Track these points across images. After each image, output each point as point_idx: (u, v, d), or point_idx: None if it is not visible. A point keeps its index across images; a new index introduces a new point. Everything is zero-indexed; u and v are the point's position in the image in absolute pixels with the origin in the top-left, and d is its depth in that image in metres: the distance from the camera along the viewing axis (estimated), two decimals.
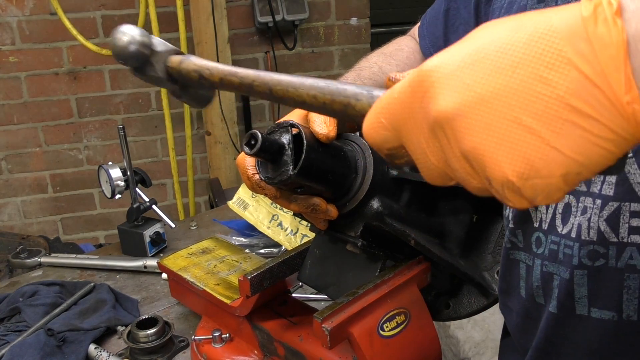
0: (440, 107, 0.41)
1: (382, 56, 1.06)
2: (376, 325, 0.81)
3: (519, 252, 0.82)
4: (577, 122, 0.38)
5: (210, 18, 2.87)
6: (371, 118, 0.48)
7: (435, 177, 0.46)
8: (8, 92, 3.06)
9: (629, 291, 0.70)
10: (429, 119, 0.42)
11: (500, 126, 0.39)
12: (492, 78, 0.40)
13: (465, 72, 0.41)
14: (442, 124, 0.42)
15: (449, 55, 0.42)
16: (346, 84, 0.54)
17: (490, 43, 0.41)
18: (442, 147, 0.43)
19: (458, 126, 0.41)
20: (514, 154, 0.39)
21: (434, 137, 0.43)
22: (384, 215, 0.80)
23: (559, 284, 0.75)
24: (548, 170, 0.39)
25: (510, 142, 0.39)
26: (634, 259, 0.69)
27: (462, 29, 0.99)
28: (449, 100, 0.41)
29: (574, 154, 0.38)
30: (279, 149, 0.73)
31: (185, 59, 0.64)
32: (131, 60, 0.64)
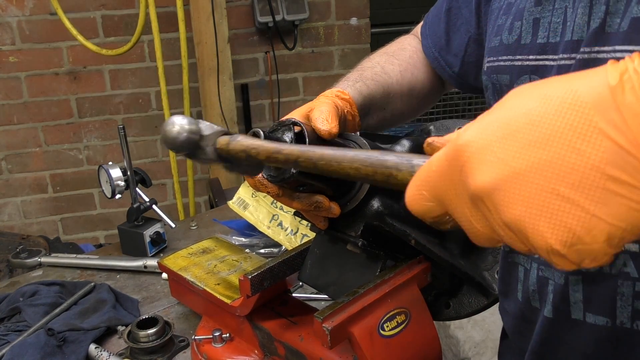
0: (478, 182, 0.43)
1: (384, 56, 1.06)
2: (376, 325, 0.81)
3: (518, 256, 0.82)
4: (615, 190, 0.38)
5: (210, 18, 2.87)
6: (412, 191, 0.49)
7: (484, 241, 0.47)
8: (8, 92, 3.06)
9: (622, 298, 0.70)
10: (469, 192, 0.44)
11: (538, 198, 0.40)
12: (525, 152, 0.41)
13: (498, 146, 0.42)
14: (482, 197, 0.43)
15: (481, 128, 0.43)
16: (387, 154, 0.55)
17: (519, 115, 0.41)
18: (485, 216, 0.44)
19: (497, 200, 0.42)
20: (554, 223, 0.40)
21: (475, 208, 0.45)
22: (385, 215, 0.80)
23: (553, 289, 0.75)
24: (591, 237, 0.39)
25: (549, 213, 0.40)
26: (628, 267, 0.69)
27: (464, 28, 1.00)
28: (485, 175, 0.42)
29: (615, 221, 0.39)
30: None
31: (232, 140, 0.67)
32: (183, 148, 0.67)
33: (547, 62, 0.73)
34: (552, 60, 0.72)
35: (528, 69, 0.75)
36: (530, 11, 0.76)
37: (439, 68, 1.05)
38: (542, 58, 0.74)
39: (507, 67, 0.79)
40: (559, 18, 0.72)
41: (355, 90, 0.93)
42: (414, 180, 0.49)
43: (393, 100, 1.02)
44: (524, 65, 0.76)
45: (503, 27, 0.81)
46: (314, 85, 3.39)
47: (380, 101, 0.98)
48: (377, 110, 0.99)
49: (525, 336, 0.83)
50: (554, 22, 0.73)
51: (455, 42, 1.02)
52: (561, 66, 0.71)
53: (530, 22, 0.76)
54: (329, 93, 0.90)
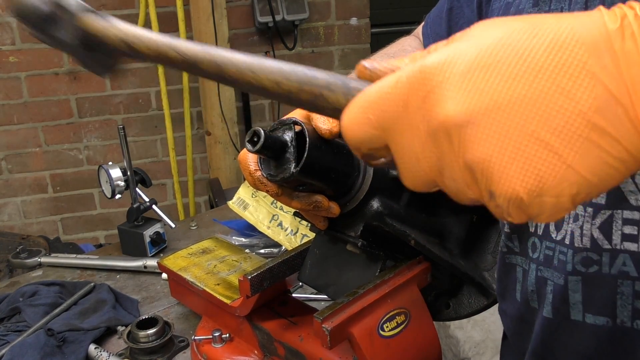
0: (449, 111, 0.38)
1: (384, 57, 1.06)
2: (376, 325, 0.81)
3: (516, 257, 0.82)
4: (596, 141, 0.36)
5: (210, 18, 2.87)
6: (355, 113, 0.43)
7: (420, 183, 0.43)
8: (8, 92, 3.06)
9: (622, 297, 0.70)
10: (430, 123, 0.39)
11: (515, 139, 0.37)
12: (510, 85, 0.37)
13: (479, 75, 0.37)
14: (449, 130, 0.38)
15: (457, 53, 0.39)
16: (316, 71, 0.48)
17: (504, 45, 0.37)
18: (441, 154, 0.40)
19: (467, 134, 0.37)
20: (527, 169, 0.37)
21: (432, 143, 0.40)
22: (384, 215, 0.80)
23: (553, 290, 0.75)
24: (560, 189, 0.37)
25: (524, 157, 0.37)
26: (627, 266, 0.69)
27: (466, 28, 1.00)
28: (459, 105, 0.37)
29: (588, 174, 0.36)
30: (281, 146, 0.73)
31: (107, 24, 0.53)
32: (29, 14, 0.53)
33: None
34: None
35: None
36: (528, 12, 0.76)
37: None
38: None
39: None
40: None
41: None
42: (361, 101, 0.42)
43: None
44: None
45: None
46: None
47: None
48: None
49: (524, 337, 0.83)
50: None
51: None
52: None
53: None
54: None
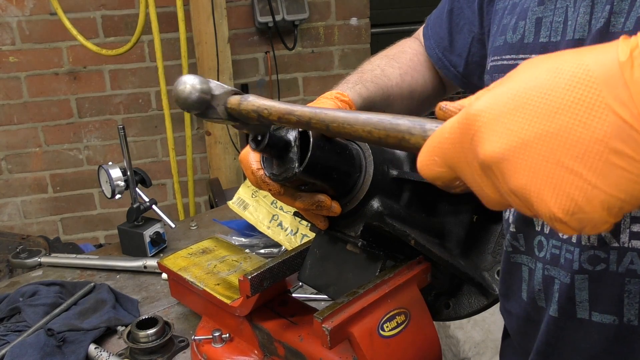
0: (487, 151, 0.44)
1: (385, 59, 1.06)
2: (376, 325, 0.81)
3: (521, 256, 0.82)
4: (616, 163, 0.40)
5: (210, 18, 2.87)
6: (424, 157, 0.50)
7: (495, 205, 0.49)
8: (8, 92, 3.06)
9: (629, 296, 0.70)
10: (478, 160, 0.45)
11: (543, 168, 0.42)
12: (534, 123, 0.42)
13: (509, 117, 0.43)
14: (490, 165, 0.45)
15: (493, 98, 0.45)
16: (399, 118, 0.56)
17: (531, 88, 0.43)
18: (494, 183, 0.46)
19: (504, 168, 0.44)
20: (557, 192, 0.42)
21: (485, 176, 0.46)
22: (384, 215, 0.80)
23: (559, 288, 0.75)
24: (591, 207, 0.41)
25: (553, 182, 0.42)
26: (635, 264, 0.69)
27: (467, 29, 1.00)
28: (494, 145, 0.44)
29: (615, 192, 0.41)
30: (285, 145, 0.73)
31: (243, 100, 0.68)
32: (194, 108, 0.68)
33: None
34: None
35: None
36: (534, 11, 0.77)
37: (443, 68, 1.06)
38: None
39: (511, 66, 0.79)
40: (560, 17, 0.73)
41: (355, 93, 0.93)
42: (427, 146, 0.50)
43: (393, 103, 1.02)
44: None
45: (507, 26, 0.81)
46: (314, 85, 3.39)
47: (380, 103, 0.98)
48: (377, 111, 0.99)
49: (529, 336, 0.83)
50: (555, 22, 0.74)
51: (458, 43, 1.02)
52: None
53: (533, 22, 0.76)
54: (328, 95, 0.90)
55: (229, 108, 0.68)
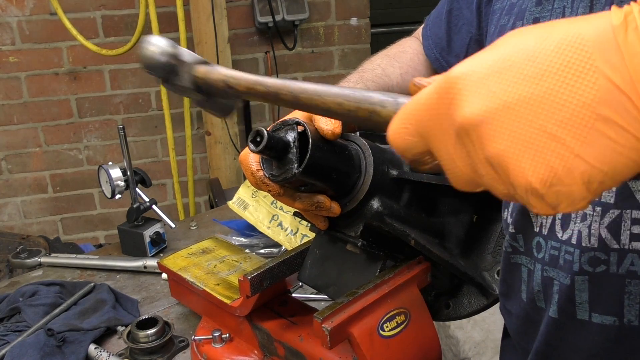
0: (466, 113, 0.41)
1: (385, 58, 1.06)
2: (376, 325, 0.81)
3: (520, 256, 0.82)
4: (603, 131, 0.38)
5: (210, 18, 2.87)
6: (396, 124, 0.47)
7: (463, 183, 0.46)
8: (8, 92, 3.06)
9: (630, 297, 0.70)
10: (455, 125, 0.43)
11: (524, 133, 0.40)
12: (518, 86, 0.40)
13: (492, 79, 0.41)
14: (468, 129, 0.42)
15: (476, 62, 0.43)
16: (371, 92, 0.54)
17: (517, 51, 0.41)
18: (468, 152, 0.43)
19: (483, 132, 0.41)
20: (537, 161, 0.40)
21: (460, 143, 0.43)
22: (384, 215, 0.80)
23: (559, 290, 0.75)
24: (571, 178, 0.39)
25: (534, 150, 0.39)
26: (635, 266, 0.69)
27: (465, 29, 1.00)
28: (474, 107, 0.41)
29: (597, 163, 0.38)
30: (284, 146, 0.73)
31: (211, 69, 0.65)
32: (159, 70, 0.65)
33: None
34: None
35: None
36: (531, 11, 0.77)
37: (441, 69, 1.06)
38: None
39: None
40: (557, 17, 0.73)
41: None
42: (399, 113, 0.48)
43: None
44: None
45: (505, 27, 0.81)
46: None
47: None
48: None
49: (529, 336, 0.83)
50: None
51: (456, 43, 1.02)
52: None
53: (531, 22, 0.76)
54: None
55: (195, 76, 0.65)
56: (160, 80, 0.67)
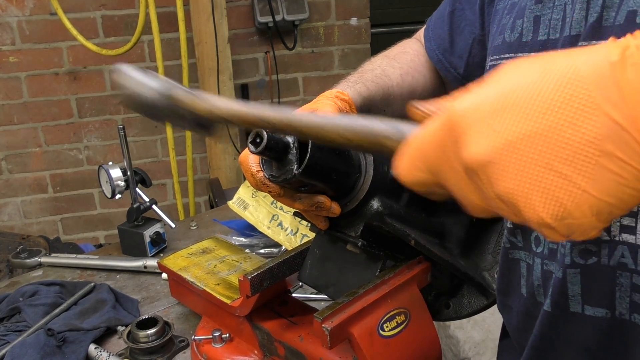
0: (472, 154, 0.42)
1: (386, 59, 1.06)
2: (376, 325, 0.81)
3: (519, 252, 0.82)
4: (607, 166, 0.39)
5: (210, 18, 2.87)
6: (405, 162, 0.48)
7: (479, 212, 0.47)
8: (8, 92, 3.06)
9: (621, 289, 0.70)
10: (462, 164, 0.44)
11: (531, 171, 0.41)
12: (521, 123, 0.41)
13: (495, 117, 0.41)
14: (475, 169, 0.43)
15: (478, 98, 0.43)
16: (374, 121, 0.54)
17: (518, 87, 0.41)
18: (479, 188, 0.44)
19: (490, 172, 0.42)
20: (546, 197, 0.41)
21: (469, 180, 0.44)
22: (384, 215, 0.80)
23: (553, 283, 0.76)
24: (580, 212, 0.40)
25: (542, 187, 0.40)
26: (625, 257, 0.69)
27: (468, 30, 1.00)
28: (480, 147, 0.42)
29: (604, 196, 0.39)
30: (284, 147, 0.73)
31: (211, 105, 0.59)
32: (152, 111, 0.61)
33: None
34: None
35: None
36: (531, 9, 0.77)
37: (444, 70, 1.06)
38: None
39: None
40: (558, 15, 0.73)
41: (355, 92, 0.93)
42: (407, 151, 0.48)
43: (393, 103, 1.02)
44: None
45: (506, 25, 0.82)
46: (314, 85, 3.39)
47: (380, 103, 0.99)
48: (376, 111, 0.99)
49: (527, 332, 0.83)
50: (553, 19, 0.74)
51: (459, 44, 1.02)
52: None
53: (531, 20, 0.76)
54: (328, 94, 0.90)
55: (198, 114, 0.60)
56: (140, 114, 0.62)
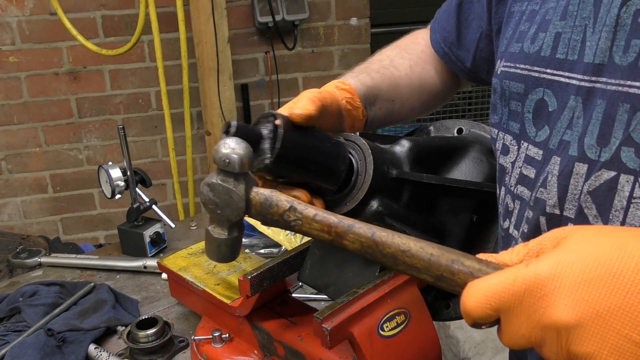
0: (561, 315, 0.48)
1: (396, 49, 1.06)
2: (376, 325, 0.81)
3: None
4: None
5: (210, 18, 2.87)
6: (479, 298, 0.53)
7: (517, 347, 0.53)
8: (8, 92, 3.06)
9: None
10: (543, 319, 0.49)
11: (612, 339, 0.47)
12: (608, 298, 0.47)
13: (584, 289, 0.48)
14: (559, 329, 0.49)
15: (564, 266, 0.49)
16: (454, 254, 0.58)
17: (601, 263, 0.48)
18: (546, 340, 0.50)
19: (575, 334, 0.48)
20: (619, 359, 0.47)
21: (541, 332, 0.50)
22: (384, 215, 0.80)
23: None
24: None
25: (618, 353, 0.47)
26: None
27: (476, 24, 0.99)
28: (569, 312, 0.48)
29: None
30: (256, 138, 0.74)
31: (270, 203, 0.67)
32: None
33: (562, 78, 0.72)
34: (568, 78, 0.71)
35: (544, 81, 0.75)
36: (555, 24, 0.75)
37: (450, 63, 1.05)
38: (559, 74, 0.73)
39: (524, 76, 0.78)
40: (578, 36, 0.71)
41: (358, 81, 0.94)
42: (486, 290, 0.53)
43: (402, 93, 1.02)
44: (540, 78, 0.75)
45: (526, 34, 0.80)
46: (314, 85, 3.37)
47: (387, 93, 0.99)
48: (384, 102, 0.99)
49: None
50: (573, 40, 0.72)
51: (466, 38, 1.01)
52: (581, 87, 0.69)
53: (553, 36, 0.75)
54: (327, 85, 0.91)
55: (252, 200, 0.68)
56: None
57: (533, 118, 0.76)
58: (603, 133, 0.66)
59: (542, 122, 0.75)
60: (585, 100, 0.69)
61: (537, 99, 0.76)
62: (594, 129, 0.67)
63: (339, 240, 0.62)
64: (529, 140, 0.77)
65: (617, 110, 0.64)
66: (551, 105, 0.74)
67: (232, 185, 0.67)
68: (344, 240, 0.62)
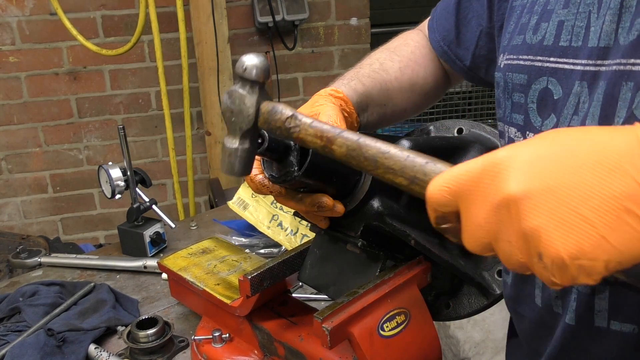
0: (512, 188, 0.48)
1: (385, 52, 1.06)
2: (376, 325, 0.81)
3: None
4: (627, 220, 0.45)
5: (210, 18, 2.87)
6: (439, 182, 0.54)
7: (477, 246, 0.53)
8: (8, 92, 3.06)
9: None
10: (496, 196, 0.49)
11: (560, 212, 0.47)
12: (559, 173, 0.47)
13: (537, 164, 0.48)
14: (509, 202, 0.48)
15: (521, 148, 0.50)
16: (416, 156, 0.60)
17: (558, 145, 0.49)
18: (500, 222, 0.50)
19: (524, 206, 0.48)
20: (568, 236, 0.46)
21: (495, 213, 0.50)
22: (384, 215, 0.80)
23: (577, 297, 0.74)
24: (594, 255, 0.46)
25: (566, 227, 0.46)
26: None
27: (475, 22, 0.98)
28: (520, 184, 0.48)
29: (619, 246, 0.45)
30: (284, 149, 0.73)
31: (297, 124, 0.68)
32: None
33: (566, 65, 0.72)
34: (572, 65, 0.71)
35: (547, 70, 0.75)
36: (558, 13, 0.75)
37: (449, 61, 1.05)
38: (562, 61, 0.73)
39: (527, 66, 0.78)
40: (582, 22, 0.71)
41: (350, 89, 0.93)
42: (444, 175, 0.54)
43: (393, 97, 1.01)
44: (543, 67, 0.75)
45: (527, 26, 0.80)
46: (314, 85, 3.39)
47: (379, 98, 0.98)
48: (375, 107, 0.99)
49: (542, 340, 0.82)
50: (577, 26, 0.72)
51: (466, 36, 1.01)
52: (586, 72, 0.69)
53: (556, 24, 0.75)
54: (323, 92, 0.91)
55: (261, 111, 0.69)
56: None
57: (537, 108, 0.76)
58: (606, 114, 0.66)
59: (547, 111, 0.75)
60: (590, 85, 0.68)
61: (540, 88, 0.76)
62: (595, 110, 0.67)
63: (329, 145, 0.65)
64: (534, 130, 0.77)
65: (620, 90, 0.64)
66: (556, 93, 0.73)
67: (246, 91, 0.70)
68: (332, 145, 0.65)
